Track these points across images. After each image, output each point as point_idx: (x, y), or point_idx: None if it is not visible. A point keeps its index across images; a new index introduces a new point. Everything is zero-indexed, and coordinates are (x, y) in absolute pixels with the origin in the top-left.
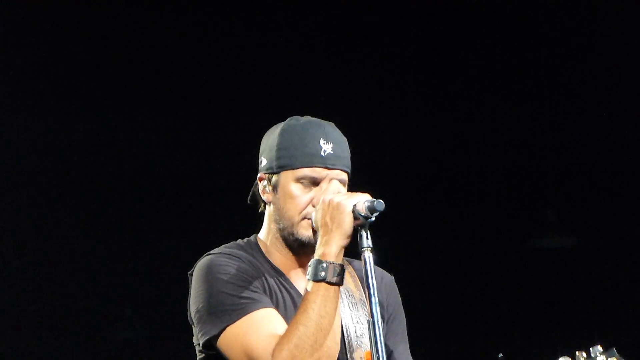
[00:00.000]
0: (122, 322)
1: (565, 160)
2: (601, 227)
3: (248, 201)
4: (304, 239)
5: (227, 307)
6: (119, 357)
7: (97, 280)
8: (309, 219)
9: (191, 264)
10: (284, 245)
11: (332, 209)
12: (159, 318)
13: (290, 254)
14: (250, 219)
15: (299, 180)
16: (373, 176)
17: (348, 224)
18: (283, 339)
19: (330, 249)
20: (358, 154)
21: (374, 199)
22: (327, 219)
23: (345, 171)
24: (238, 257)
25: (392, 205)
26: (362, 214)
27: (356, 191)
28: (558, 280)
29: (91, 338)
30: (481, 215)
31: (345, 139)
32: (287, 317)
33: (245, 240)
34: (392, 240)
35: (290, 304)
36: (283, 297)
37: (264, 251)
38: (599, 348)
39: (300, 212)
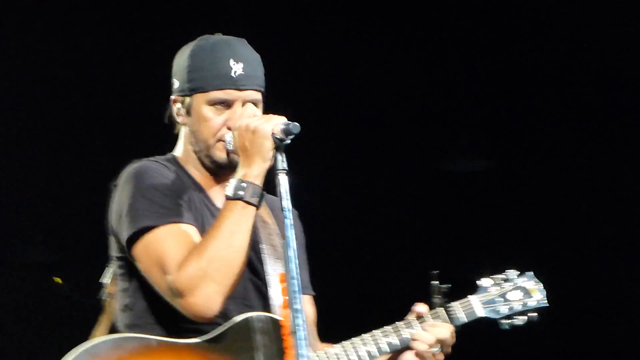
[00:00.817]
0: (32, 245)
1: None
2: (514, 151)
3: (166, 121)
4: (220, 161)
5: (150, 211)
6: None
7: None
8: (223, 141)
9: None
10: (201, 166)
11: (250, 133)
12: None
13: (208, 173)
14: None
15: (211, 103)
16: (289, 97)
17: (268, 147)
18: (194, 252)
19: (251, 170)
20: (275, 71)
21: (290, 122)
22: (247, 143)
23: (258, 91)
24: (166, 167)
25: (308, 129)
26: (278, 137)
27: (271, 112)
28: (473, 203)
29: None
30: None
31: (257, 56)
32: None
33: (163, 156)
34: (306, 166)
35: (210, 221)
36: (203, 213)
37: (184, 167)
38: (515, 271)
39: (215, 135)
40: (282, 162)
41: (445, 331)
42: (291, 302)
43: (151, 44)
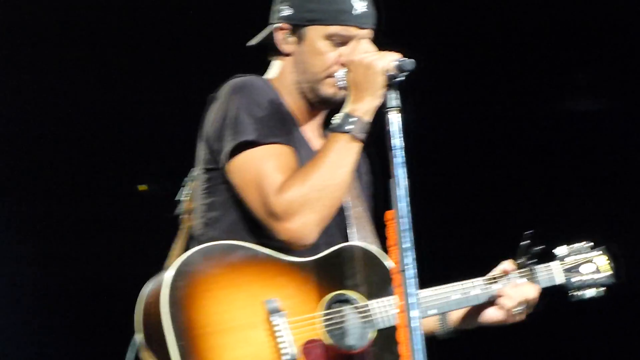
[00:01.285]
0: None
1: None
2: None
3: (254, 44)
4: (327, 96)
5: (254, 127)
6: None
7: None
8: (333, 77)
9: None
10: (301, 98)
11: (364, 68)
12: None
13: (305, 105)
14: None
15: (329, 37)
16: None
17: (380, 83)
18: (296, 177)
19: (362, 105)
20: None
21: (404, 59)
22: (359, 78)
23: (374, 29)
24: (264, 87)
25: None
26: (391, 74)
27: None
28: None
29: None
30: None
31: None
32: None
33: (261, 77)
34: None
35: (305, 155)
36: (303, 145)
37: (282, 98)
38: (588, 243)
39: (327, 70)
40: (395, 100)
41: (532, 291)
42: (400, 240)
43: None
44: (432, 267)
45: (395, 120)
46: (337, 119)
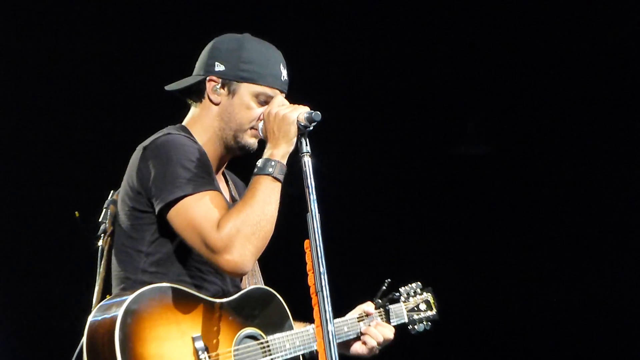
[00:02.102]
0: None
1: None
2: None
3: (176, 92)
4: (247, 144)
5: (185, 180)
6: None
7: None
8: (255, 129)
9: None
10: (220, 144)
11: (279, 120)
12: None
13: (221, 153)
14: None
15: (257, 95)
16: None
17: (293, 133)
18: (230, 214)
19: (278, 151)
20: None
21: (312, 111)
22: (275, 128)
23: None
24: (194, 141)
25: (329, 118)
26: (302, 124)
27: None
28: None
29: None
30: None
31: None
32: None
33: (175, 126)
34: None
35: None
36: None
37: (198, 143)
38: (419, 284)
39: (251, 122)
40: (306, 146)
41: (390, 332)
42: (316, 265)
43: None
44: (338, 289)
45: (307, 164)
46: (259, 163)
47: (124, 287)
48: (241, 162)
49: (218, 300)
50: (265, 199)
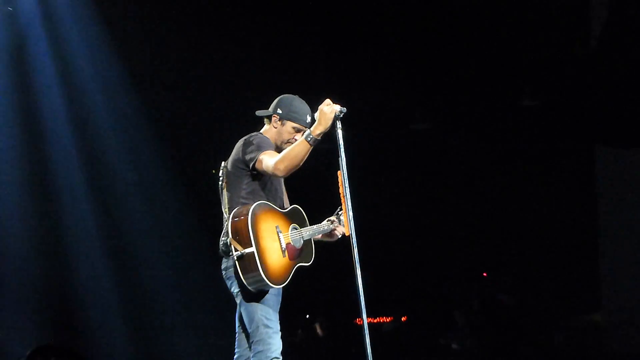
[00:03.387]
0: None
1: None
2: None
3: (258, 115)
4: (282, 147)
5: (262, 146)
6: None
7: None
8: (290, 142)
9: None
10: (275, 144)
11: (324, 114)
12: None
13: (274, 148)
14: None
15: (294, 127)
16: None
17: (329, 122)
18: (282, 155)
19: (317, 131)
20: None
21: (342, 107)
22: (321, 118)
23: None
24: (264, 136)
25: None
26: (336, 114)
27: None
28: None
29: None
30: None
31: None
32: None
33: (259, 132)
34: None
35: None
36: None
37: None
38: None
39: (289, 140)
40: (339, 128)
41: (343, 230)
42: (345, 187)
43: None
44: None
45: (340, 134)
46: (306, 133)
47: (231, 206)
48: None
49: (282, 210)
50: (299, 150)
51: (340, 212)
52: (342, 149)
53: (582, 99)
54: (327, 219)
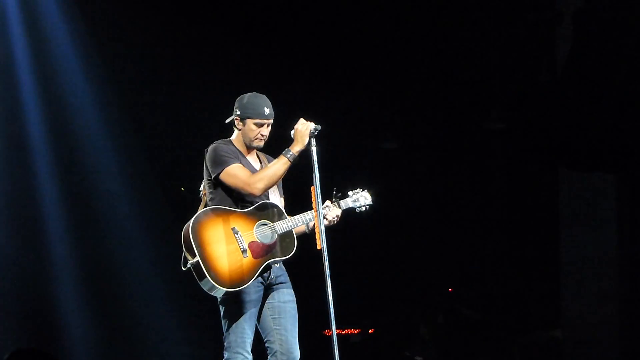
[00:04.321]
0: None
1: None
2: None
3: (226, 122)
4: (256, 147)
5: (225, 160)
6: None
7: None
8: (257, 139)
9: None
10: (244, 145)
11: (300, 133)
12: None
13: (245, 148)
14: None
15: (255, 124)
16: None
17: (306, 138)
18: (259, 173)
19: (295, 148)
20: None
21: (316, 125)
22: (298, 137)
23: (272, 119)
24: (224, 145)
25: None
26: (311, 131)
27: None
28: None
29: None
30: None
31: (270, 103)
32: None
33: (226, 140)
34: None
35: (248, 166)
36: (247, 163)
37: (235, 145)
38: (360, 189)
39: (255, 138)
40: (313, 140)
41: (336, 211)
42: (318, 201)
43: None
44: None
45: (314, 151)
46: (285, 151)
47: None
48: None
49: (244, 210)
50: (278, 168)
51: (337, 194)
52: (316, 165)
53: (547, 123)
54: (326, 203)
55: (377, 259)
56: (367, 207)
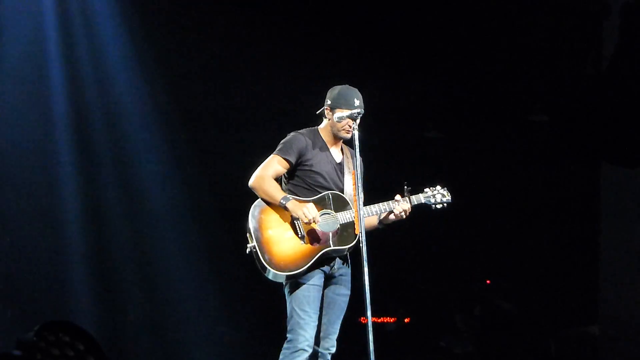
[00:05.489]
0: None
1: None
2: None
3: (317, 113)
4: (343, 137)
5: (280, 148)
6: None
7: None
8: (345, 129)
9: None
10: (332, 135)
11: (295, 211)
12: None
13: (333, 139)
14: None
15: (345, 114)
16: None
17: (295, 215)
18: (267, 180)
19: (288, 205)
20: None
21: (361, 110)
22: (296, 209)
23: (362, 110)
24: (302, 134)
25: None
26: (353, 115)
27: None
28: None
29: None
30: None
31: (361, 96)
32: (322, 163)
33: (313, 127)
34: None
35: (325, 157)
36: (326, 154)
37: (322, 135)
38: (439, 186)
39: (343, 128)
40: (355, 129)
41: (405, 206)
42: (357, 186)
43: None
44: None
45: (356, 135)
46: (285, 198)
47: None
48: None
49: (308, 198)
50: (270, 197)
51: (408, 188)
52: (358, 150)
53: (590, 117)
54: (390, 201)
55: (415, 249)
56: (445, 204)
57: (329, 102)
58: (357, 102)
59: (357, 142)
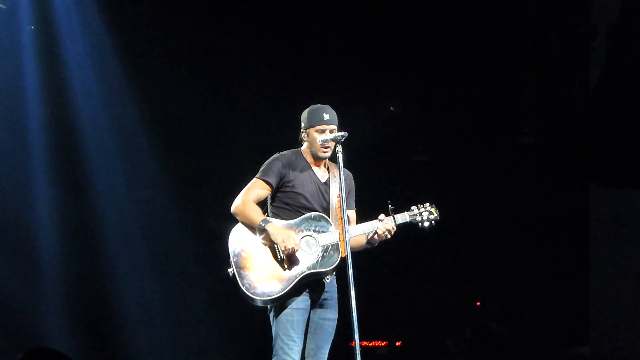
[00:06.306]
0: None
1: None
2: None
3: (299, 140)
4: (322, 157)
5: (263, 170)
6: None
7: None
8: (322, 149)
9: None
10: (312, 156)
11: (276, 237)
12: None
13: (314, 160)
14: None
15: (318, 130)
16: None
17: (274, 239)
18: (249, 205)
19: (268, 228)
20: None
21: (343, 132)
22: (276, 235)
23: (335, 124)
24: (283, 156)
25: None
26: (337, 139)
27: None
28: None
29: None
30: None
31: (333, 111)
32: (305, 184)
33: (297, 149)
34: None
35: (308, 177)
36: (309, 174)
37: (304, 156)
38: (427, 204)
39: (322, 145)
40: (340, 152)
41: (389, 225)
42: (343, 209)
43: None
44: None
45: (341, 158)
46: (264, 221)
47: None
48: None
49: (287, 221)
50: (249, 222)
51: (392, 207)
52: (342, 174)
53: (579, 138)
54: (380, 217)
55: (405, 272)
56: (433, 222)
57: (302, 125)
58: (326, 116)
59: (341, 164)
